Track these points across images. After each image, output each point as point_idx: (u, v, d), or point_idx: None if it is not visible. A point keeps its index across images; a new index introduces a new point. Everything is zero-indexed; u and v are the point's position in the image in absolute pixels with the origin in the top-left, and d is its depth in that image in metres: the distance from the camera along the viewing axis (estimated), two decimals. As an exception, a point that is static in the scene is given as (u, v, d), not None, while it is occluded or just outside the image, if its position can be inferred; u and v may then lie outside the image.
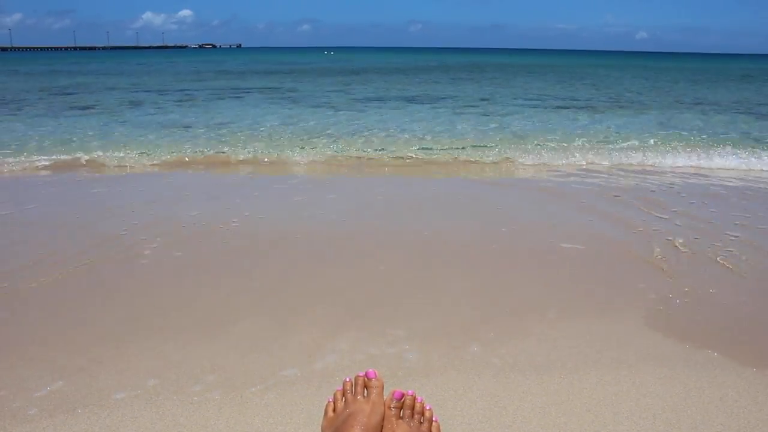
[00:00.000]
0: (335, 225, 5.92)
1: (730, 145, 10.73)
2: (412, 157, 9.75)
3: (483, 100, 19.75)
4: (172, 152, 9.89)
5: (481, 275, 4.57)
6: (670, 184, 7.93)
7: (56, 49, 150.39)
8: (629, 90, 25.10)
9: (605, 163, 9.45)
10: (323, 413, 1.76)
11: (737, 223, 5.95)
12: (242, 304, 3.99)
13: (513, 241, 5.46)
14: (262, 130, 12.50)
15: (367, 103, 18.46)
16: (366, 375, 1.76)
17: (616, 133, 12.46)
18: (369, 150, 10.35)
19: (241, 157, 9.63)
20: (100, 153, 9.62)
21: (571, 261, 4.89)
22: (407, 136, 11.90)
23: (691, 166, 9.26)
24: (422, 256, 5.01)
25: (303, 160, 9.55)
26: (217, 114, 15.17)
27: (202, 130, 12.43)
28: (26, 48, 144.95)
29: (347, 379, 1.79)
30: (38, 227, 5.67)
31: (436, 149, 10.47)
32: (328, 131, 12.46)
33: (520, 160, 9.54)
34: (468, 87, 25.87)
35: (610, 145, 10.83)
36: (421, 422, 1.71)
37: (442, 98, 20.20)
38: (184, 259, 4.85)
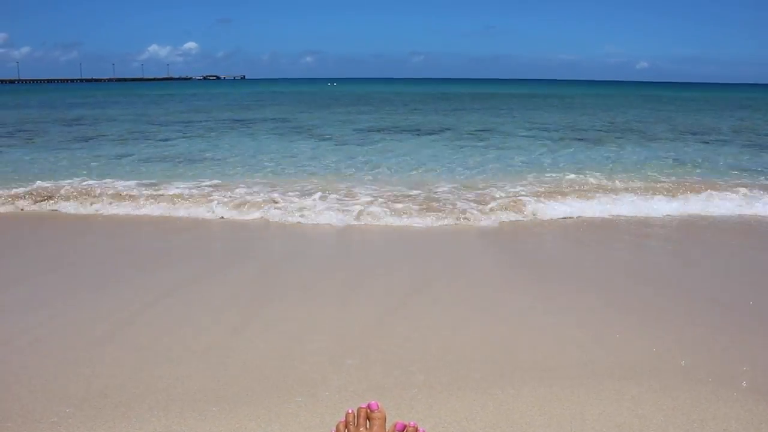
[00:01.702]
0: (337, 258, 5.96)
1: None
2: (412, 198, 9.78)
3: (486, 130, 19.88)
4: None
5: (480, 305, 4.59)
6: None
7: (62, 81, 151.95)
8: (637, 120, 25.22)
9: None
10: (326, 445, 1.78)
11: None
12: (245, 335, 4.01)
13: (510, 270, 5.49)
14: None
15: (378, 134, 18.61)
16: (368, 406, 1.78)
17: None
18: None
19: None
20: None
21: (579, 296, 4.91)
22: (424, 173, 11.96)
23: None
24: (423, 286, 5.03)
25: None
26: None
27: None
28: (33, 80, 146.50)
29: (350, 411, 1.81)
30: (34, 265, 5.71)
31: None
32: (346, 169, 12.56)
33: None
34: (475, 117, 26.06)
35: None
36: (423, 453, 1.72)
37: (447, 129, 20.35)
38: (191, 297, 4.88)
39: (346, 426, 1.78)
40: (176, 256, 6.03)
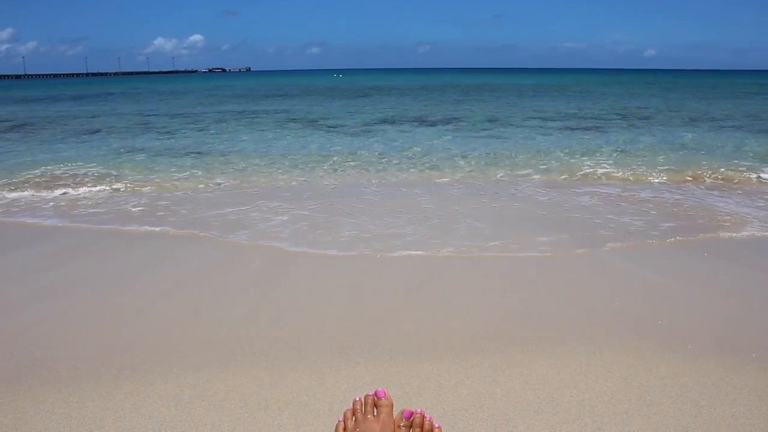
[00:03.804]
0: (347, 246, 5.96)
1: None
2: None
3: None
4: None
5: (490, 294, 4.59)
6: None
7: (68, 75, 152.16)
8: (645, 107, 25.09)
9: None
10: (334, 433, 1.78)
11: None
12: (255, 326, 4.03)
13: (517, 262, 5.48)
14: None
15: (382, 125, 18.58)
16: (375, 394, 1.78)
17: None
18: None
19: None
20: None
21: (579, 282, 4.90)
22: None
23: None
24: (431, 275, 5.04)
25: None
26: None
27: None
28: (39, 75, 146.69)
29: (357, 398, 1.81)
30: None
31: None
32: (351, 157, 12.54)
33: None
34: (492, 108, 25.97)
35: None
36: (430, 440, 1.73)
37: (455, 119, 20.30)
38: (202, 289, 4.91)
39: (354, 413, 1.79)
40: (189, 246, 6.05)
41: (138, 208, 7.80)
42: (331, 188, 9.08)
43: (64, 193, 8.78)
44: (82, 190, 9.05)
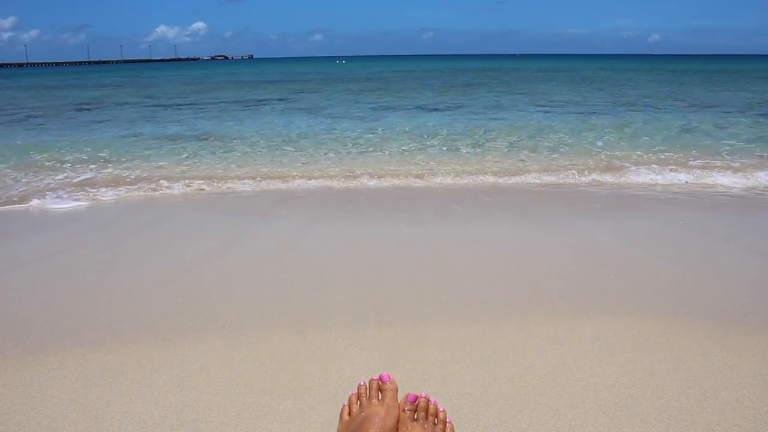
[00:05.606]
0: (352, 232, 5.97)
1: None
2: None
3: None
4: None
5: (493, 280, 4.59)
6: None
7: (71, 63, 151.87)
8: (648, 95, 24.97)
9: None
10: (339, 417, 1.79)
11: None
12: (260, 310, 4.03)
13: (521, 245, 5.48)
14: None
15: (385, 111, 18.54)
16: (380, 378, 1.79)
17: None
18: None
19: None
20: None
21: (573, 266, 4.90)
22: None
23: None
24: (434, 263, 5.04)
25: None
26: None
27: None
28: (41, 63, 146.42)
29: (362, 383, 1.82)
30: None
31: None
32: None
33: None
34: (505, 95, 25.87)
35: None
36: (435, 424, 1.73)
37: (460, 106, 20.24)
38: (206, 270, 4.92)
39: (359, 398, 1.79)
40: (198, 230, 6.05)
41: (146, 193, 7.82)
42: (332, 169, 9.08)
43: (77, 178, 8.79)
44: (105, 174, 9.09)
